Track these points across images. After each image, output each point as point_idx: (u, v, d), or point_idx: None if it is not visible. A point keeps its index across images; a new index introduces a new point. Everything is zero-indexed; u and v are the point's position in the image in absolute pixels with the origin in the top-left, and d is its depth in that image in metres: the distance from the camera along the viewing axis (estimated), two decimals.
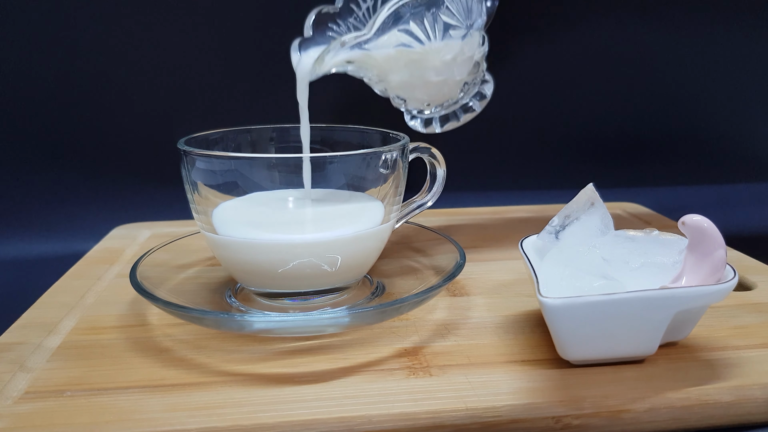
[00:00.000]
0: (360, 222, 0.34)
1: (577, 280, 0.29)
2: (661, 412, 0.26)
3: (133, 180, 0.58)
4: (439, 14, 0.34)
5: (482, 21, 0.38)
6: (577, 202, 0.32)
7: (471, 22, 0.36)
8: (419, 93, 0.38)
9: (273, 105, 0.58)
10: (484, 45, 0.39)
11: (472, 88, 0.40)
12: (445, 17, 0.35)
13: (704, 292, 0.27)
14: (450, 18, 0.35)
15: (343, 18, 0.39)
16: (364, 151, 0.34)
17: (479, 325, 0.33)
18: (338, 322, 0.30)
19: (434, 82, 0.37)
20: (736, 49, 0.64)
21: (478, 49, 0.38)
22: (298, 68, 0.36)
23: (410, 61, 0.36)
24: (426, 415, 0.25)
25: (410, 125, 0.42)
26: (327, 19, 0.38)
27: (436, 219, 0.55)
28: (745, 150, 0.68)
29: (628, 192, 0.65)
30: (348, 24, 0.39)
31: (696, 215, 0.29)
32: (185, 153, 0.33)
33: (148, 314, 0.35)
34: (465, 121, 0.42)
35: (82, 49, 0.54)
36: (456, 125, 0.42)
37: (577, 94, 0.63)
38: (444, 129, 0.42)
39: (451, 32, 0.35)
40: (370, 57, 0.35)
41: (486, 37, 0.39)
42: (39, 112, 0.55)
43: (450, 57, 0.36)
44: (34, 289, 0.39)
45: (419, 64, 0.36)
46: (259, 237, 0.32)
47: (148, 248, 0.38)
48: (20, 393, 0.27)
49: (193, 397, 0.27)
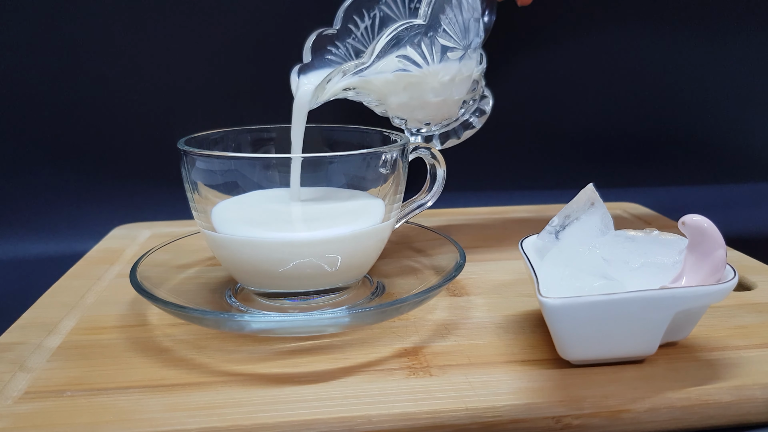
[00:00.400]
0: (360, 220, 0.34)
1: (577, 280, 0.29)
2: (661, 412, 0.26)
3: (133, 180, 0.58)
4: (436, 38, 0.35)
5: (480, 40, 0.38)
6: (577, 202, 0.32)
7: (468, 42, 0.36)
8: (419, 114, 0.38)
9: (273, 105, 0.58)
10: (482, 63, 0.39)
11: (472, 105, 0.40)
12: (442, 40, 0.35)
13: (704, 292, 0.27)
14: (447, 40, 0.35)
15: (341, 39, 0.39)
16: (364, 151, 0.34)
17: (479, 325, 0.33)
18: (338, 322, 0.30)
19: (433, 102, 0.37)
20: (736, 49, 0.64)
21: (476, 68, 0.38)
22: (297, 97, 0.36)
23: (409, 84, 0.36)
24: (426, 415, 0.25)
25: None
26: (326, 42, 0.39)
27: (436, 219, 0.55)
28: (745, 150, 0.68)
29: (628, 192, 0.65)
30: (347, 45, 0.39)
31: (696, 215, 0.29)
32: (185, 153, 0.33)
33: (148, 314, 0.35)
34: (465, 137, 0.42)
35: (82, 49, 0.54)
36: (456, 142, 0.42)
37: (577, 94, 0.63)
38: (444, 146, 0.42)
39: (449, 54, 0.36)
40: (369, 83, 0.35)
41: (484, 55, 0.39)
42: (39, 112, 0.55)
43: (448, 78, 0.36)
44: (34, 289, 0.39)
45: (418, 87, 0.36)
46: (259, 235, 0.32)
47: (148, 248, 0.38)
48: (20, 393, 0.27)
49: (193, 397, 0.27)
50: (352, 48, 0.39)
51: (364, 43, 0.40)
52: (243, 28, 0.56)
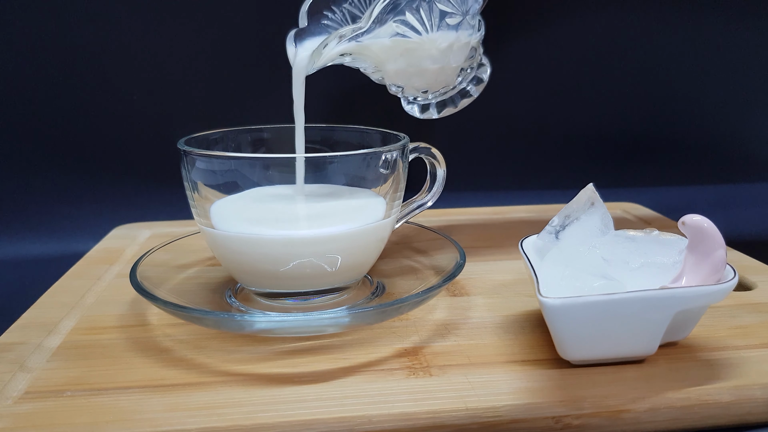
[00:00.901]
0: (360, 217, 0.33)
1: (577, 280, 0.29)
2: (661, 412, 0.26)
3: (133, 180, 0.58)
4: (434, 3, 0.34)
5: (478, 6, 0.37)
6: (577, 202, 0.32)
7: (467, 9, 0.36)
8: (416, 81, 0.38)
9: (273, 105, 0.58)
10: (480, 30, 0.39)
11: (470, 73, 0.40)
12: (440, 5, 0.35)
13: (704, 292, 0.27)
14: (446, 6, 0.35)
15: (337, 4, 0.39)
16: (364, 151, 0.34)
17: (479, 325, 0.33)
18: (338, 322, 0.30)
19: (431, 69, 0.37)
20: (736, 49, 0.64)
21: (474, 35, 0.38)
22: (295, 63, 0.36)
23: (406, 51, 0.35)
24: (426, 415, 0.25)
25: (407, 110, 0.41)
26: (322, 6, 0.38)
27: (436, 219, 0.55)
28: (745, 150, 0.68)
29: (628, 192, 0.65)
30: (343, 10, 0.39)
31: (696, 215, 0.29)
32: (185, 153, 0.33)
33: (148, 314, 0.35)
34: (462, 106, 0.41)
35: (82, 49, 0.54)
36: (453, 111, 0.41)
37: (577, 94, 0.63)
38: (441, 115, 0.41)
39: (447, 20, 0.35)
40: (366, 48, 0.35)
41: (482, 22, 0.39)
42: (39, 112, 0.55)
43: (446, 45, 0.36)
44: (34, 289, 0.39)
45: (416, 53, 0.36)
46: (258, 232, 0.32)
47: (148, 248, 0.38)
48: (20, 393, 0.27)
49: (193, 397, 0.27)
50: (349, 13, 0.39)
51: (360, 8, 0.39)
52: (243, 28, 0.56)
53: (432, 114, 0.41)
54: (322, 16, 0.38)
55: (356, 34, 0.33)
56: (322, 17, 0.38)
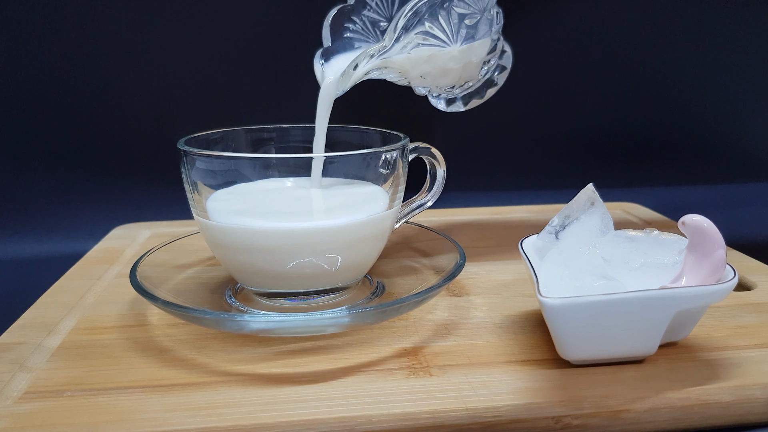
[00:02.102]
0: (362, 210, 0.33)
1: (577, 280, 0.29)
2: (661, 412, 0.26)
3: (133, 180, 0.58)
4: (452, 7, 0.34)
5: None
6: (577, 202, 0.32)
7: (484, 5, 0.36)
8: (442, 81, 0.38)
9: (273, 105, 0.58)
10: (499, 22, 0.39)
11: (493, 64, 0.40)
12: (458, 9, 0.35)
13: (704, 292, 0.27)
14: (463, 8, 0.35)
15: (357, 13, 0.39)
16: (364, 151, 0.34)
17: (479, 325, 0.33)
18: (338, 322, 0.30)
19: (455, 68, 0.37)
20: (736, 49, 0.64)
21: (494, 27, 0.38)
22: (323, 87, 0.36)
23: (430, 57, 0.36)
24: (426, 415, 0.25)
25: (433, 104, 0.41)
26: (343, 18, 0.38)
27: (436, 219, 0.55)
28: (745, 150, 0.68)
29: (628, 192, 0.65)
30: (363, 18, 0.39)
31: (696, 215, 0.29)
32: (185, 153, 0.33)
33: (148, 314, 0.35)
34: (488, 96, 0.41)
35: (83, 49, 0.54)
36: (479, 102, 0.41)
37: (577, 94, 0.63)
38: (468, 107, 0.41)
39: (467, 21, 0.35)
40: (392, 62, 0.35)
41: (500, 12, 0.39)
42: (39, 113, 0.55)
43: (468, 44, 0.36)
44: (34, 289, 0.39)
45: (439, 57, 0.36)
46: (259, 225, 0.32)
47: (148, 248, 0.38)
48: (20, 393, 0.27)
49: (193, 397, 0.27)
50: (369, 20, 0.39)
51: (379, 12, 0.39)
52: (243, 28, 0.56)
53: (459, 107, 0.41)
54: (344, 29, 0.38)
55: (383, 51, 0.34)
56: (344, 30, 0.38)
